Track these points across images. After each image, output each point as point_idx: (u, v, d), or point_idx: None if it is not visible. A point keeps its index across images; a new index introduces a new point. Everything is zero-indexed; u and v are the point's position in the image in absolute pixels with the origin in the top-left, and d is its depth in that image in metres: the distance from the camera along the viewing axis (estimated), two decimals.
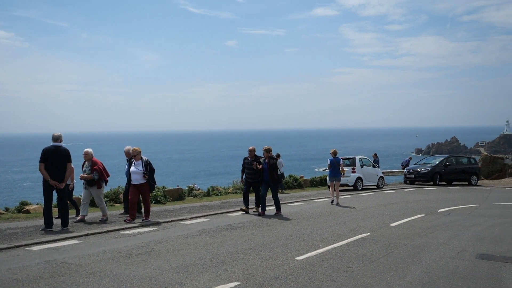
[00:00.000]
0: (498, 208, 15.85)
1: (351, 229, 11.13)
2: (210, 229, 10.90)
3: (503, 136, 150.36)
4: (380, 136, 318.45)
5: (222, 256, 8.15)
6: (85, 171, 11.73)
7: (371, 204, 16.73)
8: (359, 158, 23.74)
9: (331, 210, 14.85)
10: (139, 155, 11.90)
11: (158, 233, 10.37)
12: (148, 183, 11.89)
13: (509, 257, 8.36)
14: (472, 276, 7.10)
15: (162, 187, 17.61)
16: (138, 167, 11.77)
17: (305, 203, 16.95)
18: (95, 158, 11.87)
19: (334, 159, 17.09)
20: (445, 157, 28.84)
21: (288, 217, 13.07)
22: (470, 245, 9.37)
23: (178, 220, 12.21)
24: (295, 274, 7.02)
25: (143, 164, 11.81)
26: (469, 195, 20.52)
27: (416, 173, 27.04)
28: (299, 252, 8.48)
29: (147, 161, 11.91)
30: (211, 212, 13.77)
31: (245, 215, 13.49)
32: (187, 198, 17.85)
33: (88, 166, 11.74)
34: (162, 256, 8.08)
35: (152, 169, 12.01)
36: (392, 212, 14.30)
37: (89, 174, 11.60)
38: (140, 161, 11.85)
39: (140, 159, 11.87)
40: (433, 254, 8.55)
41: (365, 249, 8.89)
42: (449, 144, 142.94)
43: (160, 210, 14.19)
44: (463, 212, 14.67)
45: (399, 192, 21.90)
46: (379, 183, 24.52)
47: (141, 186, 11.80)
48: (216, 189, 20.40)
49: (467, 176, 27.63)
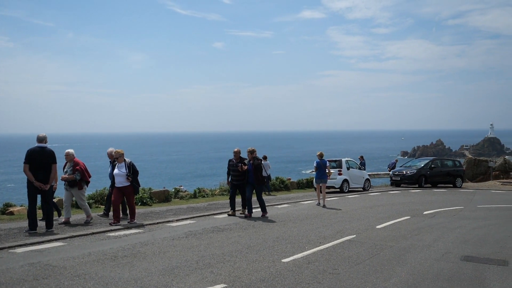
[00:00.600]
0: (482, 211, 16.02)
1: (337, 231, 11.17)
2: (196, 231, 10.86)
3: (487, 139, 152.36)
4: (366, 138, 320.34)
5: (209, 258, 8.13)
6: (67, 172, 11.58)
7: (357, 206, 16.81)
8: (345, 161, 23.84)
9: (318, 212, 14.88)
10: (122, 157, 11.74)
11: (144, 235, 10.31)
12: (132, 186, 11.74)
13: (493, 259, 8.45)
14: (457, 277, 7.17)
15: (148, 188, 17.52)
16: (121, 169, 11.62)
17: (292, 205, 16.98)
18: (76, 159, 11.74)
19: (320, 161, 17.22)
20: (430, 159, 29.08)
21: (275, 219, 13.07)
22: (454, 247, 9.46)
23: (164, 222, 12.15)
24: (282, 276, 7.03)
25: (126, 166, 11.66)
26: (454, 198, 20.71)
27: (402, 175, 27.22)
28: (285, 254, 8.48)
29: (130, 163, 11.78)
30: (198, 214, 13.73)
31: (231, 217, 13.47)
32: (173, 200, 17.78)
33: (70, 167, 11.60)
34: (148, 259, 8.03)
35: (136, 171, 11.86)
36: (378, 214, 14.37)
37: (71, 175, 11.47)
38: (123, 163, 11.70)
39: (123, 161, 11.72)
40: (418, 256, 8.61)
41: (351, 251, 8.92)
42: (434, 147, 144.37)
43: (146, 212, 14.12)
44: (448, 214, 14.80)
45: (385, 194, 22.03)
46: (365, 185, 24.64)
47: (125, 189, 11.66)
48: (203, 191, 20.34)
49: (452, 179, 27.88)
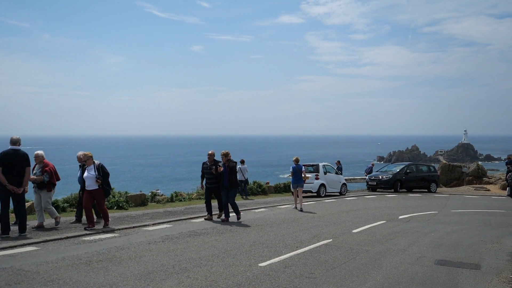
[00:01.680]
0: (456, 215, 16.29)
1: (314, 235, 11.23)
2: (173, 236, 10.79)
3: (461, 145, 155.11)
4: (343, 143, 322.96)
5: (185, 262, 8.08)
6: (36, 173, 11.33)
7: (334, 210, 16.93)
8: (322, 165, 23.99)
9: (295, 216, 14.94)
10: (91, 160, 11.47)
11: (120, 240, 10.19)
12: (102, 189, 11.49)
13: (466, 263, 8.61)
14: (431, 281, 7.28)
15: (124, 192, 17.35)
16: (90, 172, 11.37)
17: (269, 209, 17.00)
18: (46, 161, 11.52)
19: (296, 166, 17.44)
20: (405, 165, 29.45)
21: (252, 224, 13.07)
22: (429, 251, 9.60)
23: (140, 226, 12.04)
24: (258, 280, 7.03)
25: (95, 168, 11.43)
26: (429, 202, 21.01)
27: (378, 180, 27.50)
28: (262, 259, 8.49)
29: (99, 165, 11.52)
30: (174, 218, 13.64)
31: (208, 221, 13.41)
32: (150, 204, 17.63)
33: (39, 168, 11.38)
34: (124, 263, 7.95)
35: (106, 173, 11.57)
36: (354, 219, 14.50)
37: (39, 176, 11.25)
38: (93, 165, 11.44)
39: (92, 164, 11.46)
40: (393, 260, 8.72)
41: (328, 255, 8.98)
42: (410, 152, 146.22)
43: (122, 216, 13.97)
44: (423, 218, 15.01)
45: (361, 199, 22.23)
46: (342, 190, 24.83)
47: (95, 192, 11.41)
48: (180, 195, 20.23)
49: (426, 184, 28.28)
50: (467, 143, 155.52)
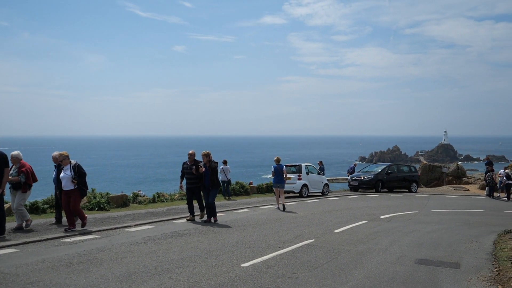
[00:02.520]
0: (436, 215, 16.49)
1: (297, 235, 11.27)
2: (155, 236, 10.73)
3: (441, 145, 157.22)
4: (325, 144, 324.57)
5: (167, 263, 8.05)
6: (12, 174, 11.13)
7: (316, 210, 17.01)
8: (305, 165, 24.07)
9: (277, 216, 14.97)
10: (67, 160, 11.27)
11: (101, 241, 10.10)
12: (78, 189, 11.29)
13: (445, 262, 8.72)
14: (411, 280, 7.36)
15: (105, 193, 17.19)
16: (66, 172, 11.19)
17: (252, 209, 17.01)
18: (23, 161, 11.34)
19: (277, 166, 17.56)
20: (387, 165, 29.70)
21: (235, 224, 13.06)
22: (409, 251, 9.70)
23: (122, 227, 11.95)
24: (241, 281, 7.03)
25: (71, 168, 11.24)
26: (409, 202, 21.24)
27: (360, 180, 27.70)
28: (245, 259, 8.49)
29: (76, 165, 11.30)
30: (157, 219, 13.57)
31: (190, 222, 13.37)
32: (131, 205, 17.51)
33: (16, 169, 11.20)
34: (105, 264, 7.89)
35: (82, 173, 11.35)
36: (336, 219, 14.59)
37: (16, 177, 11.07)
38: (69, 165, 11.25)
39: (68, 164, 11.27)
40: (374, 259, 8.79)
41: (310, 255, 9.02)
42: (391, 152, 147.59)
43: (103, 217, 13.84)
44: (404, 218, 15.17)
45: (343, 199, 22.37)
46: (324, 190, 24.94)
47: (71, 192, 11.20)
48: (162, 196, 20.11)
49: (407, 184, 28.59)
50: (447, 144, 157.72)
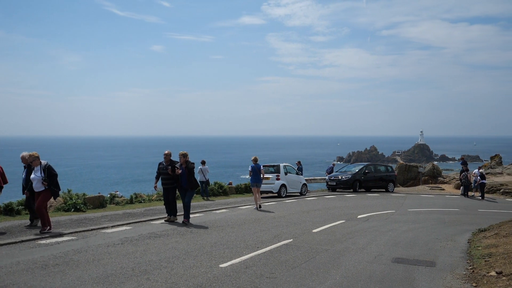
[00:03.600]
0: (412, 214, 16.72)
1: (275, 235, 11.30)
2: (132, 238, 10.64)
3: (418, 145, 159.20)
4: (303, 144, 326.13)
5: (145, 265, 7.99)
6: None
7: (295, 210, 17.07)
8: (283, 166, 24.14)
9: (256, 217, 14.98)
10: (38, 160, 11.02)
11: (77, 242, 9.97)
12: (49, 190, 11.08)
13: (421, 260, 8.85)
14: (388, 279, 7.45)
15: (82, 194, 16.97)
16: (36, 173, 10.96)
17: (230, 210, 17.00)
18: None
19: (255, 165, 17.87)
20: (364, 165, 29.94)
21: (213, 225, 13.03)
22: (386, 250, 9.82)
23: (99, 229, 11.81)
24: (219, 281, 7.02)
25: (41, 169, 11.02)
26: (386, 202, 21.47)
27: (337, 180, 27.88)
28: (223, 260, 8.49)
29: (46, 166, 11.07)
30: (134, 220, 13.45)
31: (169, 222, 13.28)
32: (108, 206, 17.32)
33: None
34: (81, 266, 7.79)
35: (53, 174, 11.14)
36: (314, 219, 14.67)
37: None
38: (39, 166, 11.03)
39: (38, 165, 11.04)
40: (352, 258, 8.87)
41: (288, 255, 9.05)
42: (368, 152, 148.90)
43: (80, 218, 13.67)
44: (381, 218, 15.34)
45: (321, 199, 22.50)
46: (303, 190, 25.05)
47: (42, 194, 10.98)
48: (140, 196, 19.94)
49: (384, 184, 28.89)
50: (423, 144, 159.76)
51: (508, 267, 7.63)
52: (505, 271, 7.40)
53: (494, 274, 7.37)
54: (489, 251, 9.25)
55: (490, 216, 16.61)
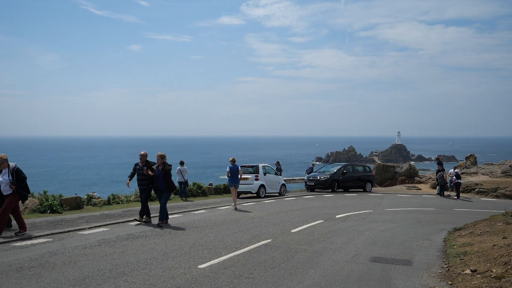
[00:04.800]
0: (389, 214, 16.91)
1: (254, 235, 11.31)
2: (110, 239, 10.53)
3: (395, 145, 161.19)
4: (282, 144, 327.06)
5: (123, 266, 7.92)
6: None
7: (273, 211, 17.11)
8: (262, 166, 24.16)
9: (235, 217, 14.98)
10: (6, 163, 10.74)
11: (53, 244, 9.83)
12: (18, 193, 10.78)
13: (398, 259, 8.96)
14: (366, 278, 7.52)
15: (58, 195, 16.72)
16: (4, 176, 10.69)
17: (209, 210, 16.95)
18: None
19: (233, 166, 18.06)
20: (342, 165, 30.11)
21: (192, 225, 12.99)
22: (364, 249, 9.91)
23: (76, 230, 11.66)
24: (198, 282, 7.00)
25: (9, 172, 10.74)
26: (364, 202, 21.67)
27: (316, 180, 28.01)
28: (202, 260, 8.46)
29: (14, 169, 10.80)
30: (112, 221, 13.31)
31: (147, 223, 13.18)
32: (86, 207, 17.10)
33: None
34: (57, 269, 7.68)
35: (22, 177, 10.85)
36: (293, 219, 14.72)
37: None
38: (7, 169, 10.75)
39: (7, 167, 10.76)
40: (330, 258, 8.93)
41: (267, 255, 9.07)
42: (346, 152, 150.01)
43: (56, 220, 13.47)
44: (358, 217, 15.47)
45: (300, 199, 22.58)
46: (281, 191, 25.10)
47: (10, 196, 10.72)
48: (117, 197, 19.74)
49: (362, 184, 29.12)
50: (400, 144, 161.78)
51: (482, 265, 7.77)
52: (479, 269, 7.53)
53: (469, 272, 7.50)
54: (464, 250, 9.41)
55: (465, 215, 16.90)
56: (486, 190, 28.08)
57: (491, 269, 7.29)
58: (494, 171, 34.50)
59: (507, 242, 9.12)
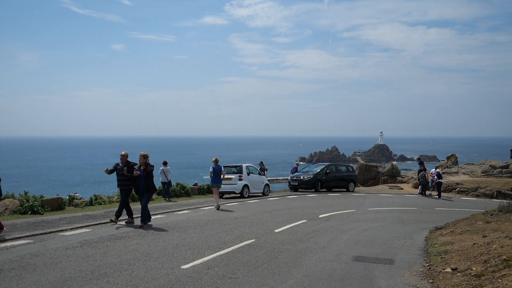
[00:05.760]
0: (372, 213, 17.04)
1: (237, 236, 11.31)
2: (92, 240, 10.44)
3: (377, 146, 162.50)
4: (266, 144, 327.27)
5: (105, 267, 7.86)
6: None
7: (257, 211, 17.13)
8: (245, 166, 24.16)
9: (218, 217, 14.95)
10: None
11: (35, 246, 9.71)
12: None
13: (380, 258, 9.04)
14: (348, 277, 7.57)
15: (39, 196, 16.52)
16: None
17: (192, 211, 16.90)
18: None
19: (216, 166, 18.12)
20: (326, 165, 30.24)
21: (175, 226, 12.93)
22: (347, 248, 9.98)
23: (57, 231, 11.53)
24: (181, 283, 6.98)
25: None
26: (347, 201, 21.80)
27: (299, 180, 28.09)
28: (185, 261, 8.44)
29: None
30: (94, 222, 13.19)
31: (129, 224, 13.09)
32: (67, 208, 16.92)
33: None
34: (39, 270, 7.59)
35: None
36: (276, 219, 14.75)
37: None
38: None
39: None
40: (313, 258, 8.98)
41: (250, 255, 9.08)
42: (330, 152, 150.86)
43: (37, 221, 13.31)
44: (341, 217, 15.56)
45: (284, 199, 22.64)
46: (265, 191, 25.13)
47: None
48: (100, 198, 19.58)
49: (345, 183, 29.29)
50: (383, 144, 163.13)
51: (462, 263, 7.88)
52: (460, 267, 7.64)
53: (449, 270, 7.60)
54: (445, 248, 9.53)
55: (446, 214, 17.11)
56: (467, 189, 28.47)
57: (471, 267, 7.41)
58: (475, 171, 34.99)
59: (487, 240, 9.26)
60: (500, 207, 13.80)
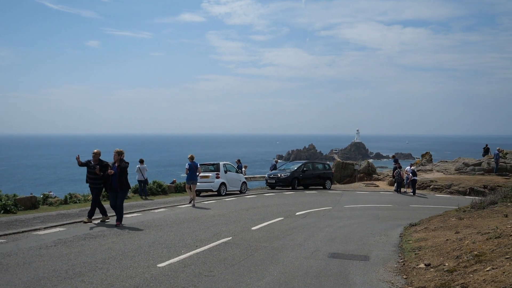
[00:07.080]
0: (348, 210, 17.21)
1: (214, 233, 11.30)
2: (66, 239, 10.30)
3: (354, 143, 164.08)
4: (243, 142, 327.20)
5: (79, 266, 7.77)
6: None
7: (234, 208, 17.13)
8: (223, 164, 24.12)
9: (195, 215, 14.91)
10: None
11: (7, 245, 9.54)
12: None
13: (356, 255, 9.15)
14: (324, 274, 7.64)
15: (12, 195, 16.21)
16: None
17: (169, 209, 16.81)
18: None
19: (192, 163, 18.29)
20: (303, 163, 30.37)
21: (151, 224, 12.85)
22: (323, 245, 10.06)
23: (31, 231, 11.34)
24: (157, 281, 6.95)
25: None
26: (324, 199, 21.97)
27: (277, 178, 28.18)
28: (161, 259, 8.39)
29: None
30: (69, 221, 13.02)
31: (105, 223, 12.96)
32: (41, 207, 16.65)
33: None
34: (11, 270, 7.46)
35: None
36: (253, 216, 14.79)
37: None
38: None
39: None
40: (290, 255, 9.03)
41: (227, 253, 9.09)
42: (307, 150, 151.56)
43: (10, 220, 13.07)
44: (318, 214, 15.68)
45: (261, 197, 22.69)
46: (242, 188, 25.13)
47: None
48: (75, 197, 19.30)
49: (322, 181, 29.49)
50: (359, 142, 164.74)
51: (436, 259, 8.02)
52: (433, 263, 7.78)
53: (423, 266, 7.73)
54: (419, 245, 9.69)
55: (420, 211, 17.40)
56: (441, 186, 28.98)
57: (444, 262, 7.54)
58: (448, 168, 35.63)
59: (459, 237, 9.45)
60: (472, 204, 14.10)
